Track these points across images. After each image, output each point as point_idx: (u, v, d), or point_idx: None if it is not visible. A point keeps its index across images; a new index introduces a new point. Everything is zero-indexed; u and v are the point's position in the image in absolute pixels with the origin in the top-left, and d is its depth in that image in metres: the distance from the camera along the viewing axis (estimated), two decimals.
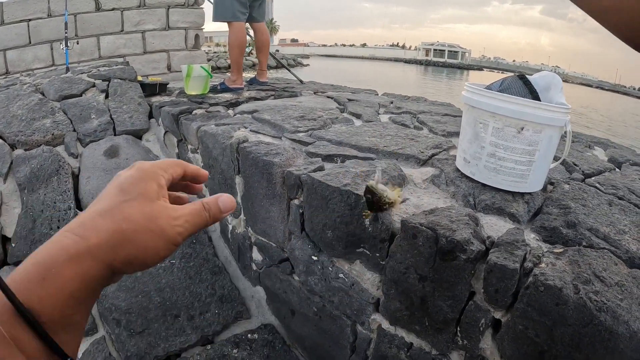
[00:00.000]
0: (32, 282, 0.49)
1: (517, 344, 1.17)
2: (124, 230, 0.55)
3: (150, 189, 0.60)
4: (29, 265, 0.50)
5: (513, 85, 1.58)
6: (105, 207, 0.56)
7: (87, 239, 0.52)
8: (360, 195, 1.52)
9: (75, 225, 0.55)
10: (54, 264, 0.50)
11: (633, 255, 1.26)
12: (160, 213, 0.59)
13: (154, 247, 0.57)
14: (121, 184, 0.60)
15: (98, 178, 3.07)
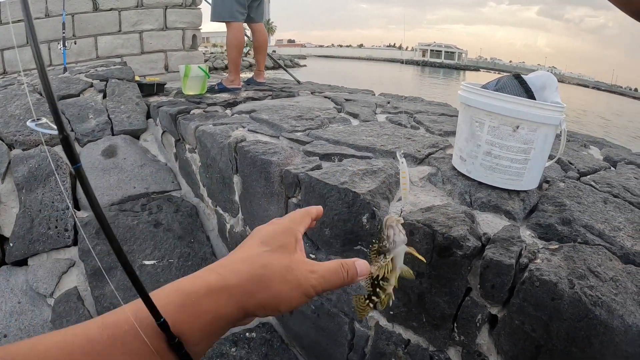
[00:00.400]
0: (170, 305, 0.54)
1: (514, 339, 1.19)
2: (262, 276, 0.61)
3: (289, 243, 0.67)
4: (170, 291, 0.56)
5: (509, 85, 1.59)
6: (246, 255, 0.64)
7: (227, 279, 0.58)
8: (357, 193, 1.54)
9: (216, 266, 0.62)
10: (194, 294, 0.56)
11: (628, 251, 1.27)
12: (297, 265, 0.65)
13: (288, 296, 0.62)
14: (262, 237, 0.67)
15: (96, 178, 3.08)
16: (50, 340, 0.48)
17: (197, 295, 0.56)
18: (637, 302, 1.03)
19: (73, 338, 0.49)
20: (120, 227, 2.74)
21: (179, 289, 0.56)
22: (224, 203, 2.59)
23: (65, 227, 2.76)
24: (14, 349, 0.46)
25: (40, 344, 0.47)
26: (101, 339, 0.49)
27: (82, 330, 0.50)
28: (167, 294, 0.56)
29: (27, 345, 0.48)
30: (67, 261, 2.66)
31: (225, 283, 0.58)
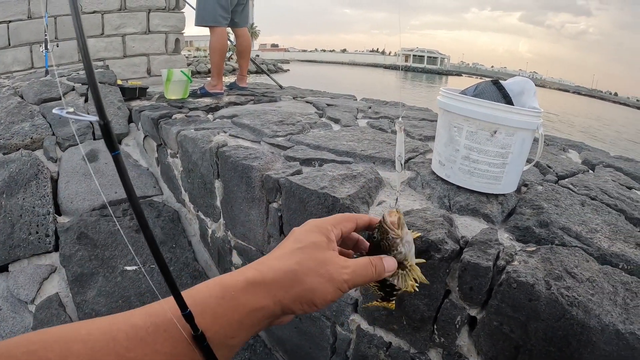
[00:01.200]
0: (212, 298, 0.58)
1: (493, 339, 1.20)
2: (296, 271, 0.65)
3: (321, 241, 0.71)
4: (212, 284, 0.61)
5: (487, 90, 1.61)
6: (281, 253, 0.68)
7: (264, 274, 0.63)
8: (337, 197, 1.55)
9: (255, 263, 0.67)
10: (234, 287, 0.60)
11: (604, 253, 1.29)
12: (330, 260, 0.69)
13: (322, 289, 0.66)
14: (296, 236, 0.72)
15: (77, 182, 3.05)
16: (93, 325, 0.51)
17: (236, 289, 0.60)
18: (614, 302, 1.05)
19: (117, 324, 0.52)
20: (102, 232, 2.72)
21: (220, 283, 0.61)
22: (205, 208, 2.58)
23: (46, 233, 2.74)
24: (56, 332, 0.49)
25: (83, 328, 0.50)
26: (145, 325, 0.53)
27: (125, 317, 0.54)
28: (209, 287, 0.60)
29: (70, 327, 0.50)
30: (48, 267, 2.63)
31: (262, 278, 0.62)
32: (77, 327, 0.50)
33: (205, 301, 0.58)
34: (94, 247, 2.64)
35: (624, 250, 1.31)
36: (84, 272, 2.52)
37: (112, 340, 0.50)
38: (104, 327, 0.51)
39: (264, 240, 2.03)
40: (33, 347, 0.46)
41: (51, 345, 0.47)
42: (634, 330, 0.96)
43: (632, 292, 1.10)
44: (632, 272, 1.22)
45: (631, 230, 1.47)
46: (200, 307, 0.56)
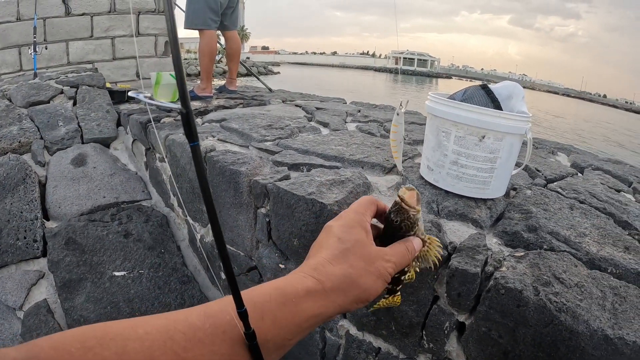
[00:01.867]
0: (272, 303, 0.61)
1: (482, 345, 1.20)
2: (351, 274, 0.68)
3: (362, 236, 0.74)
4: (270, 289, 0.63)
5: (475, 95, 1.61)
6: (331, 255, 0.70)
7: (324, 283, 0.66)
8: (324, 203, 1.54)
9: (310, 269, 0.68)
10: (295, 295, 0.63)
11: (593, 257, 1.29)
12: (375, 256, 0.73)
13: (375, 286, 0.71)
14: (337, 234, 0.74)
15: (65, 187, 3.03)
16: (150, 323, 0.52)
17: (298, 297, 0.63)
18: (602, 307, 1.06)
19: (174, 323, 0.53)
20: (90, 237, 2.70)
21: (279, 288, 0.63)
22: (194, 213, 2.57)
23: (34, 238, 2.71)
24: (113, 329, 0.50)
25: (140, 327, 0.51)
26: (203, 326, 0.54)
27: (184, 316, 0.55)
28: (268, 293, 0.62)
29: (127, 325, 0.51)
30: (36, 273, 2.60)
31: (323, 287, 0.65)
32: (133, 325, 0.51)
33: (265, 305, 0.60)
34: (82, 253, 2.62)
35: (613, 255, 1.31)
36: (72, 278, 2.50)
37: (169, 340, 0.51)
38: (161, 326, 0.52)
39: (252, 246, 2.02)
40: (89, 344, 0.46)
41: (107, 342, 0.47)
42: (623, 335, 0.96)
43: (620, 297, 1.10)
44: (620, 276, 1.23)
45: (620, 234, 1.47)
46: (260, 310, 0.59)
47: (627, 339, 0.95)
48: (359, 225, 0.75)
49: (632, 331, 0.97)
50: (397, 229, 0.81)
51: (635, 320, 1.01)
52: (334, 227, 0.76)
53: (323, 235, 0.77)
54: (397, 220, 0.81)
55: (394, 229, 0.82)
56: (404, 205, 0.80)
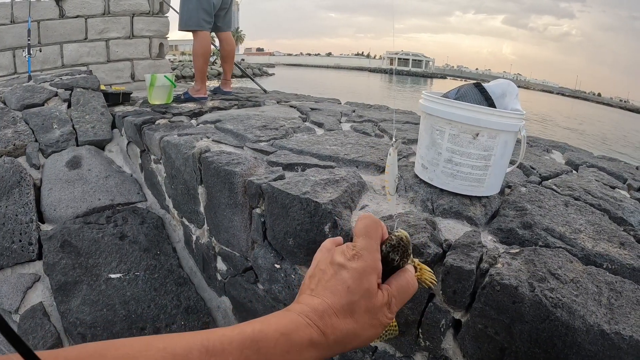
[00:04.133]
0: (277, 350, 0.59)
1: (478, 342, 1.20)
2: (355, 330, 0.67)
3: (372, 284, 0.69)
4: (277, 335, 0.61)
5: (469, 93, 1.61)
6: (338, 305, 0.67)
7: (327, 336, 0.64)
8: (319, 203, 1.54)
9: (315, 316, 0.65)
10: (299, 345, 0.61)
11: (588, 253, 1.30)
12: (380, 308, 0.70)
13: (374, 336, 0.71)
14: (347, 282, 0.69)
15: (60, 190, 3.02)
16: None
17: (302, 347, 0.62)
18: (598, 302, 1.06)
19: None
20: (85, 240, 2.69)
21: (286, 335, 0.61)
22: (189, 214, 2.57)
23: (29, 241, 2.70)
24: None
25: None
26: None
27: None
28: (274, 339, 0.60)
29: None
30: (32, 276, 2.59)
31: (327, 341, 0.64)
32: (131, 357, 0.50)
33: (270, 353, 0.59)
34: (77, 255, 2.61)
35: (608, 250, 1.31)
36: (68, 281, 2.49)
37: None
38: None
39: (248, 246, 2.02)
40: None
41: None
42: (619, 330, 0.96)
43: (616, 292, 1.10)
44: (616, 271, 1.23)
45: (615, 230, 1.47)
46: (264, 358, 0.58)
47: (623, 334, 0.95)
48: (373, 272, 0.70)
49: (629, 326, 0.97)
50: (395, 267, 0.79)
51: (632, 315, 1.02)
52: (344, 271, 0.70)
53: (331, 272, 0.72)
54: (397, 259, 0.78)
55: (391, 266, 0.79)
56: (403, 243, 0.78)
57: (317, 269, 0.75)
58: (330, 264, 0.73)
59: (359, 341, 0.69)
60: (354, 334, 0.67)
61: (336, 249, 0.76)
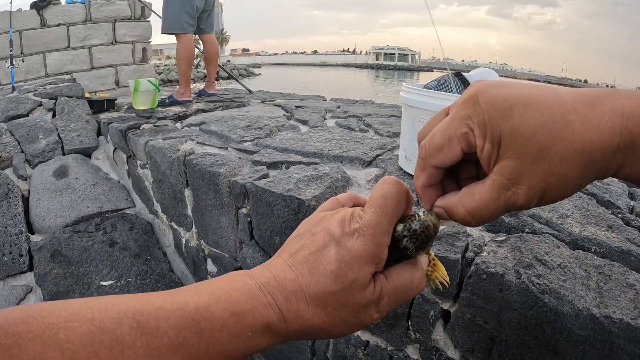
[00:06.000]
0: (223, 333, 0.49)
1: (468, 332, 1.19)
2: (324, 324, 0.54)
3: (362, 275, 0.53)
4: (226, 314, 0.50)
5: (450, 83, 1.61)
6: (312, 291, 0.53)
7: (288, 323, 0.52)
8: (302, 199, 1.53)
9: (279, 295, 0.53)
10: (251, 328, 0.50)
11: (576, 237, 1.29)
12: (365, 306, 0.54)
13: (346, 332, 0.57)
14: (332, 263, 0.53)
15: (48, 200, 3.00)
16: (76, 325, 0.43)
17: (255, 331, 0.51)
18: (587, 286, 1.05)
19: (100, 333, 0.44)
20: (75, 248, 2.68)
21: (237, 315, 0.50)
22: (177, 218, 2.56)
23: (19, 253, 2.68)
24: (37, 326, 0.42)
25: (62, 330, 0.43)
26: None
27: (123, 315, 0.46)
28: (221, 318, 0.50)
29: (50, 322, 0.43)
30: (24, 287, 2.57)
31: (286, 328, 0.53)
32: (55, 326, 0.42)
33: (215, 336, 0.48)
34: (68, 265, 2.60)
35: (596, 234, 1.31)
36: (60, 291, 2.47)
37: (93, 356, 0.43)
38: (85, 333, 0.43)
39: (236, 247, 2.01)
40: (6, 342, 0.40)
41: (26, 344, 0.40)
42: (609, 313, 0.96)
43: (605, 275, 1.10)
44: (604, 255, 1.23)
45: (602, 214, 1.47)
46: (206, 341, 0.48)
47: (613, 317, 0.95)
48: (370, 261, 0.53)
49: (619, 309, 0.97)
50: (404, 252, 0.58)
51: (621, 298, 1.01)
52: (334, 247, 0.54)
53: (319, 242, 0.55)
54: (412, 248, 0.58)
55: (400, 251, 0.58)
56: (427, 232, 0.58)
57: (308, 230, 0.59)
58: (324, 229, 0.56)
59: (326, 336, 0.56)
60: (321, 329, 0.54)
61: (339, 212, 0.58)
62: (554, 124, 0.44)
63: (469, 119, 0.48)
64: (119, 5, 6.07)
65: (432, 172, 0.55)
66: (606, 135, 0.43)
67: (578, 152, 0.43)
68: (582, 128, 0.43)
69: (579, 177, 0.45)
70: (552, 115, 0.44)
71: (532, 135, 0.44)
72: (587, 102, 0.45)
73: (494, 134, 0.46)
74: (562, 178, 0.45)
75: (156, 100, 4.02)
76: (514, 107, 0.45)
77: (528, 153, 0.44)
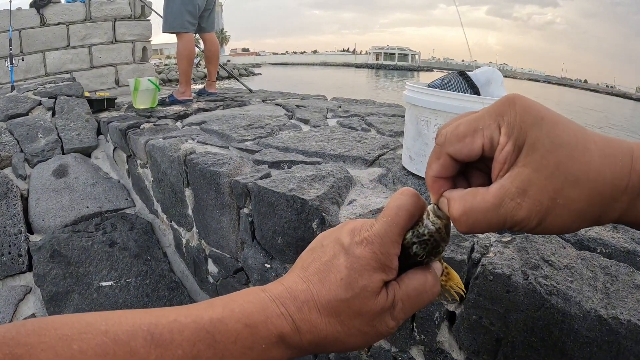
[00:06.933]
0: (237, 345, 0.49)
1: (474, 333, 1.18)
2: (338, 334, 0.54)
3: (372, 282, 0.54)
4: (240, 326, 0.50)
5: (454, 82, 1.60)
6: (324, 300, 0.54)
7: (302, 334, 0.53)
8: (305, 199, 1.52)
9: (292, 306, 0.53)
10: (265, 340, 0.51)
11: (581, 238, 1.28)
12: (378, 313, 0.55)
13: (363, 344, 0.56)
14: (343, 274, 0.54)
15: (48, 199, 2.99)
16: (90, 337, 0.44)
17: (269, 343, 0.51)
18: (594, 287, 1.04)
19: (114, 345, 0.44)
20: (75, 248, 2.66)
21: (250, 327, 0.51)
22: (178, 217, 2.55)
23: (18, 253, 2.67)
24: (49, 338, 0.42)
25: (76, 341, 0.43)
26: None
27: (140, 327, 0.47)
28: (235, 330, 0.51)
29: (65, 333, 0.43)
30: (23, 288, 2.56)
31: (300, 339, 0.53)
32: (69, 338, 0.42)
33: (229, 348, 0.49)
34: (67, 265, 2.59)
35: (601, 234, 1.30)
36: (59, 291, 2.46)
37: None
38: (99, 345, 0.43)
39: (238, 247, 2.00)
40: (19, 351, 0.40)
41: (38, 354, 0.40)
42: (616, 314, 0.95)
43: (611, 276, 1.09)
44: (610, 255, 1.22)
45: None
46: (220, 354, 0.49)
47: (621, 318, 0.94)
48: (379, 268, 0.54)
49: (626, 310, 0.96)
50: (415, 259, 0.58)
51: (628, 298, 1.00)
52: (344, 256, 0.55)
53: (330, 253, 0.57)
54: (422, 254, 0.57)
55: (412, 258, 0.58)
56: (437, 236, 0.57)
57: (319, 243, 0.60)
58: (334, 240, 0.58)
59: (342, 348, 0.56)
60: (335, 339, 0.54)
61: (350, 223, 0.60)
62: (575, 146, 0.44)
63: (501, 116, 0.48)
64: (119, 4, 6.07)
65: (446, 161, 0.54)
66: (617, 172, 0.44)
67: (590, 180, 0.44)
68: (599, 160, 0.44)
69: (583, 209, 0.45)
70: (575, 138, 0.45)
71: (553, 150, 0.44)
72: (605, 139, 0.46)
73: (519, 137, 0.46)
74: (568, 203, 0.45)
75: (156, 99, 4.01)
76: (545, 119, 0.45)
77: (545, 166, 0.45)
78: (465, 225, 0.50)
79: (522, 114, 0.46)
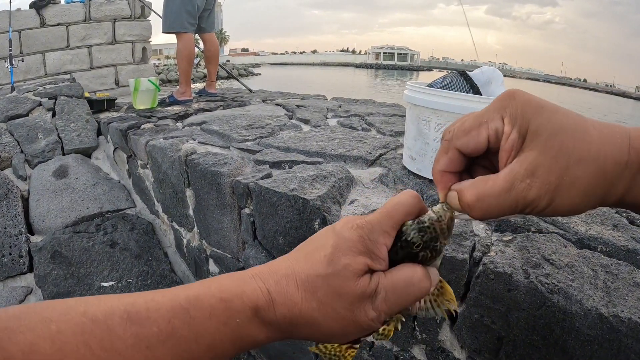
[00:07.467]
0: (212, 321, 0.50)
1: (475, 332, 1.18)
2: (313, 311, 0.53)
3: (355, 262, 0.53)
4: (214, 300, 0.51)
5: (454, 82, 1.60)
6: (304, 274, 0.54)
7: (277, 307, 0.52)
8: (307, 199, 1.52)
9: (270, 279, 0.54)
10: (240, 314, 0.51)
11: (582, 237, 1.29)
12: (359, 298, 0.53)
13: (342, 334, 0.55)
14: (327, 249, 0.54)
15: (48, 200, 2.99)
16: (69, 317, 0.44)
17: (244, 317, 0.51)
18: (595, 285, 1.04)
19: (93, 324, 0.45)
20: (76, 249, 2.66)
21: (225, 301, 0.51)
22: (179, 218, 2.55)
23: (19, 254, 2.67)
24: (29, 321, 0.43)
25: (54, 322, 0.43)
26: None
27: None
28: (209, 305, 0.51)
29: (43, 317, 0.44)
30: (24, 289, 2.56)
31: (275, 315, 0.52)
32: (48, 319, 0.43)
33: (204, 325, 0.49)
34: (68, 265, 2.59)
35: (602, 233, 1.30)
36: (60, 292, 2.46)
37: (83, 345, 0.43)
38: (77, 324, 0.44)
39: (239, 247, 2.00)
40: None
41: (17, 337, 0.41)
42: (617, 312, 0.95)
43: (612, 275, 1.09)
44: (611, 254, 1.22)
45: (607, 213, 1.47)
46: (195, 332, 0.48)
47: (622, 316, 0.94)
48: (365, 251, 0.53)
49: (627, 308, 0.96)
50: (412, 256, 0.56)
51: (629, 297, 1.00)
52: (332, 237, 0.55)
53: (320, 237, 0.58)
54: (419, 244, 0.55)
55: (407, 254, 0.56)
56: (438, 226, 0.56)
57: (317, 233, 0.60)
58: (329, 228, 0.58)
59: (317, 332, 0.54)
60: (310, 318, 0.52)
61: (347, 217, 0.58)
62: (576, 129, 0.47)
63: (503, 109, 0.50)
64: (119, 5, 6.06)
65: (454, 155, 0.55)
66: (617, 150, 0.46)
67: (593, 159, 0.46)
68: (598, 140, 0.47)
69: (589, 186, 0.47)
70: (574, 123, 0.48)
71: (556, 132, 0.47)
72: (602, 123, 0.49)
73: (522, 126, 0.48)
74: (574, 180, 0.46)
75: (156, 99, 4.01)
76: (545, 108, 0.48)
77: (550, 147, 0.47)
78: (479, 210, 0.51)
79: (523, 105, 0.49)
